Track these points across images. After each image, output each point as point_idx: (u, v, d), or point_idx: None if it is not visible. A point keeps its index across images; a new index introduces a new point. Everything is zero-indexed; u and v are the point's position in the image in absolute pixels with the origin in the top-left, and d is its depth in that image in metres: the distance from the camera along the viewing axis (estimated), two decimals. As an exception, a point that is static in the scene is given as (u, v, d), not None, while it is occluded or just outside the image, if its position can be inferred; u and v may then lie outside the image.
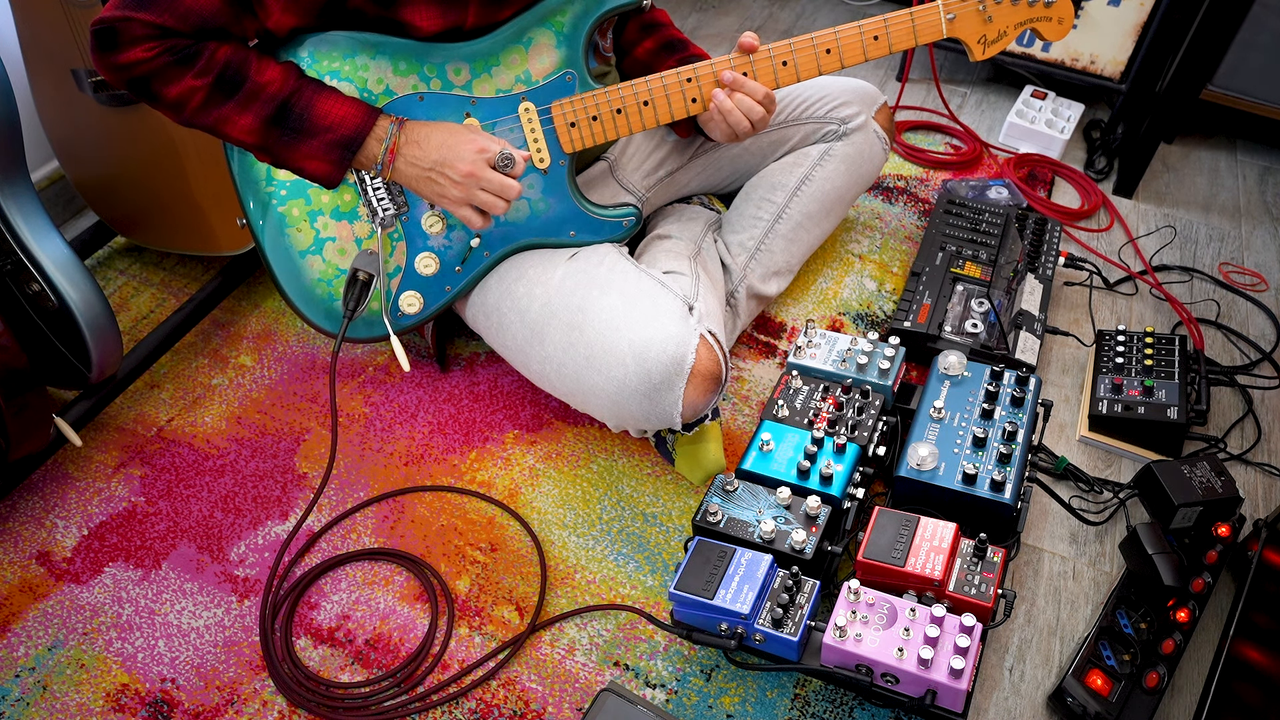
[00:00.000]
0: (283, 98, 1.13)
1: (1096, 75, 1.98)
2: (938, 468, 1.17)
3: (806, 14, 2.45)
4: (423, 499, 1.33)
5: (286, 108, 1.13)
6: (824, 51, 1.23)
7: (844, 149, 1.52)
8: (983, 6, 1.25)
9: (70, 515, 1.31)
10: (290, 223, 1.26)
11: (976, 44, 1.28)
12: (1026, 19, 1.28)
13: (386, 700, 1.12)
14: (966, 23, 1.26)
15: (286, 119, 1.14)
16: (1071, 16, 1.29)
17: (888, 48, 1.25)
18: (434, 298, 1.31)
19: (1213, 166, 2.01)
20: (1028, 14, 1.27)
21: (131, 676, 1.14)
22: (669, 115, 1.24)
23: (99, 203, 1.62)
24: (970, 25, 1.26)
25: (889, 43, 1.25)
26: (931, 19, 1.24)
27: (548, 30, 1.18)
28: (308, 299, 1.31)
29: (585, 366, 1.20)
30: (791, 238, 1.51)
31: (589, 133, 1.23)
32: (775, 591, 1.07)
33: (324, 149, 1.15)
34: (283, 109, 1.13)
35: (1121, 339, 1.48)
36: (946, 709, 1.01)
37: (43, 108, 1.55)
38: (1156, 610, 1.14)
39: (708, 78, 1.22)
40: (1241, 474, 1.38)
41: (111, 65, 1.10)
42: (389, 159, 1.17)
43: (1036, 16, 1.27)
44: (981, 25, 1.26)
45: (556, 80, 1.20)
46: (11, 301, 1.24)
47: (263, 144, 1.15)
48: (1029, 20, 1.28)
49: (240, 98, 1.12)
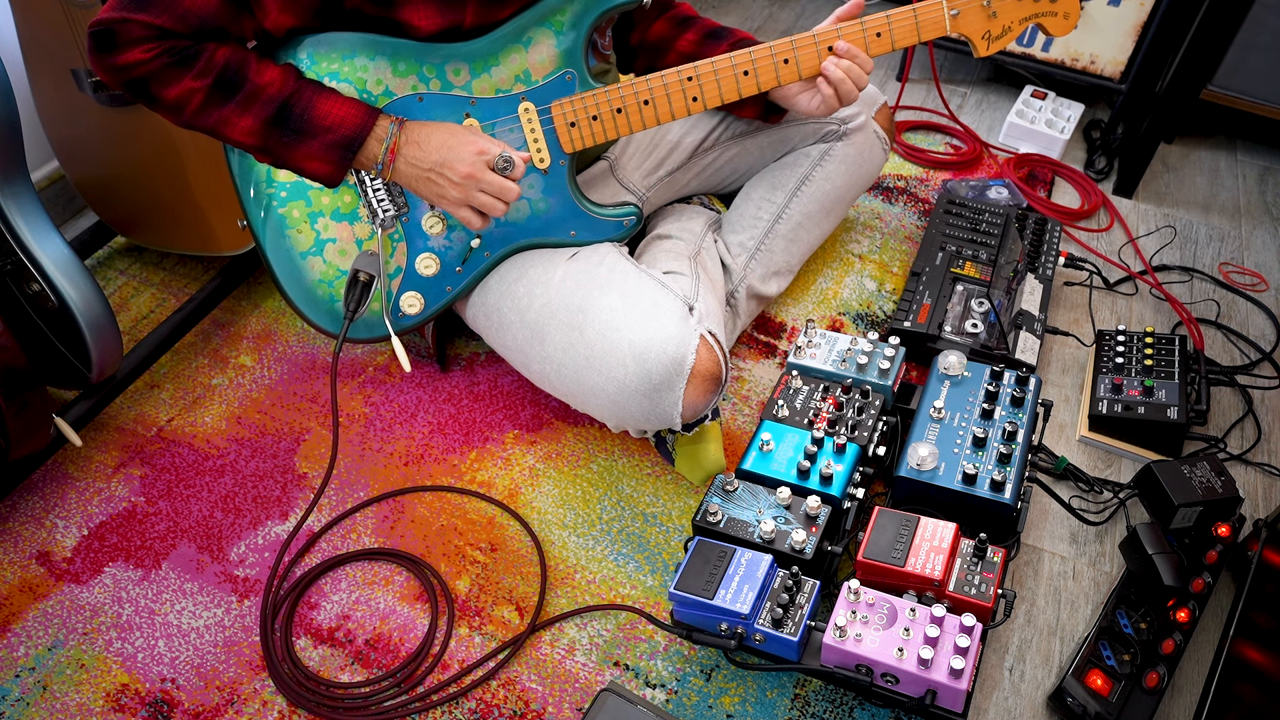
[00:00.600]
0: (283, 99, 1.13)
1: (1096, 75, 1.98)
2: (938, 468, 1.17)
3: (807, 14, 2.45)
4: (423, 499, 1.33)
5: (287, 108, 1.13)
6: (826, 49, 1.23)
7: (844, 149, 1.52)
8: (987, 2, 1.23)
9: (70, 515, 1.31)
10: (291, 224, 1.26)
11: (981, 40, 1.27)
12: (1031, 14, 1.25)
13: (386, 700, 1.12)
14: (970, 18, 1.24)
15: (287, 120, 1.13)
16: (1077, 12, 1.26)
17: (891, 44, 1.24)
18: (435, 298, 1.31)
19: (1213, 166, 2.01)
20: (1033, 9, 1.25)
21: (131, 676, 1.14)
22: (669, 114, 1.24)
23: (99, 203, 1.62)
24: (974, 21, 1.24)
25: (892, 40, 1.24)
26: (935, 15, 1.23)
27: (547, 30, 1.18)
28: (309, 300, 1.31)
29: (585, 366, 1.20)
30: (792, 238, 1.51)
31: (589, 132, 1.23)
32: (775, 591, 1.07)
33: (324, 149, 1.15)
34: (283, 110, 1.13)
35: (1121, 339, 1.48)
36: (946, 709, 1.01)
37: (43, 108, 1.55)
38: (1156, 610, 1.14)
39: (708, 75, 1.22)
40: (1241, 474, 1.38)
41: (110, 67, 1.10)
42: (389, 159, 1.17)
43: (1042, 11, 1.25)
44: (986, 21, 1.25)
45: (556, 80, 1.20)
46: (11, 301, 1.24)
47: (263, 145, 1.15)
48: (1034, 15, 1.25)
49: (240, 99, 1.12)
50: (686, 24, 1.40)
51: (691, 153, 1.51)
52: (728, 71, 1.23)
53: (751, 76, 1.23)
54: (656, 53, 1.41)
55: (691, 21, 1.40)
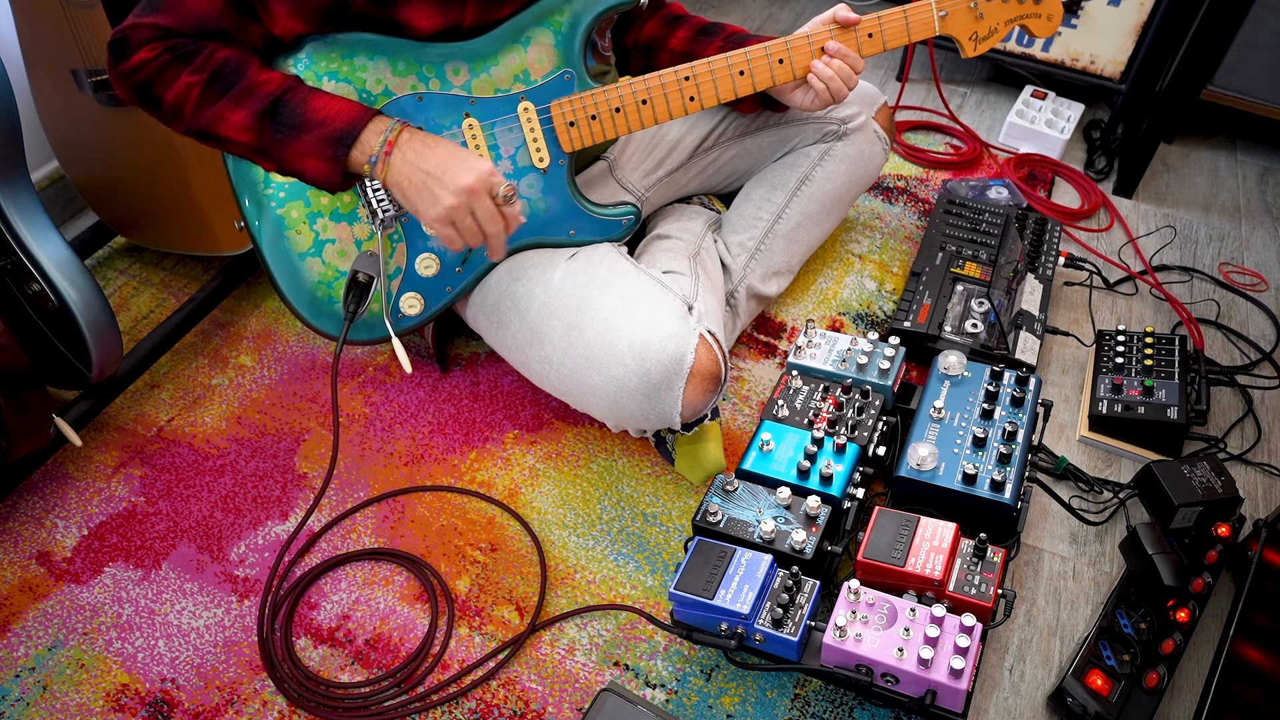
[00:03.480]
0: (277, 94, 1.12)
1: (1096, 75, 1.98)
2: (938, 468, 1.17)
3: (806, 14, 2.45)
4: (423, 499, 1.33)
5: (280, 102, 1.12)
6: (819, 49, 1.25)
7: (844, 149, 1.52)
8: (974, 4, 1.27)
9: (70, 515, 1.31)
10: (289, 225, 1.26)
11: (968, 40, 1.31)
12: (1016, 15, 1.30)
13: (386, 700, 1.12)
14: (958, 20, 1.28)
15: (279, 113, 1.12)
16: (1060, 14, 1.32)
17: (882, 45, 1.28)
18: (435, 299, 1.31)
19: (1213, 166, 2.01)
20: (1017, 10, 1.30)
21: (131, 676, 1.14)
22: (667, 114, 1.25)
23: (99, 203, 1.62)
24: (962, 22, 1.29)
25: (883, 40, 1.27)
26: (924, 16, 1.27)
27: (546, 29, 1.18)
28: (307, 301, 1.31)
29: (585, 366, 1.20)
30: (791, 238, 1.51)
31: (588, 132, 1.23)
32: (775, 591, 1.07)
33: (318, 144, 1.12)
34: (276, 103, 1.12)
35: (1121, 339, 1.48)
36: (946, 709, 1.01)
37: (43, 108, 1.55)
38: (1156, 610, 1.14)
39: (705, 75, 1.23)
40: (1241, 474, 1.38)
41: (121, 74, 1.12)
42: (385, 152, 1.12)
43: (1026, 14, 1.30)
44: (973, 22, 1.29)
45: (555, 80, 1.20)
46: (11, 301, 1.24)
47: (257, 143, 1.13)
48: (1019, 17, 1.31)
49: (235, 94, 1.11)
50: (678, 22, 1.41)
51: (691, 153, 1.51)
52: (724, 71, 1.24)
53: (747, 76, 1.25)
54: (650, 52, 1.41)
55: (682, 20, 1.41)
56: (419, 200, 1.12)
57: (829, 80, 1.26)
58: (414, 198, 1.13)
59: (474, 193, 1.11)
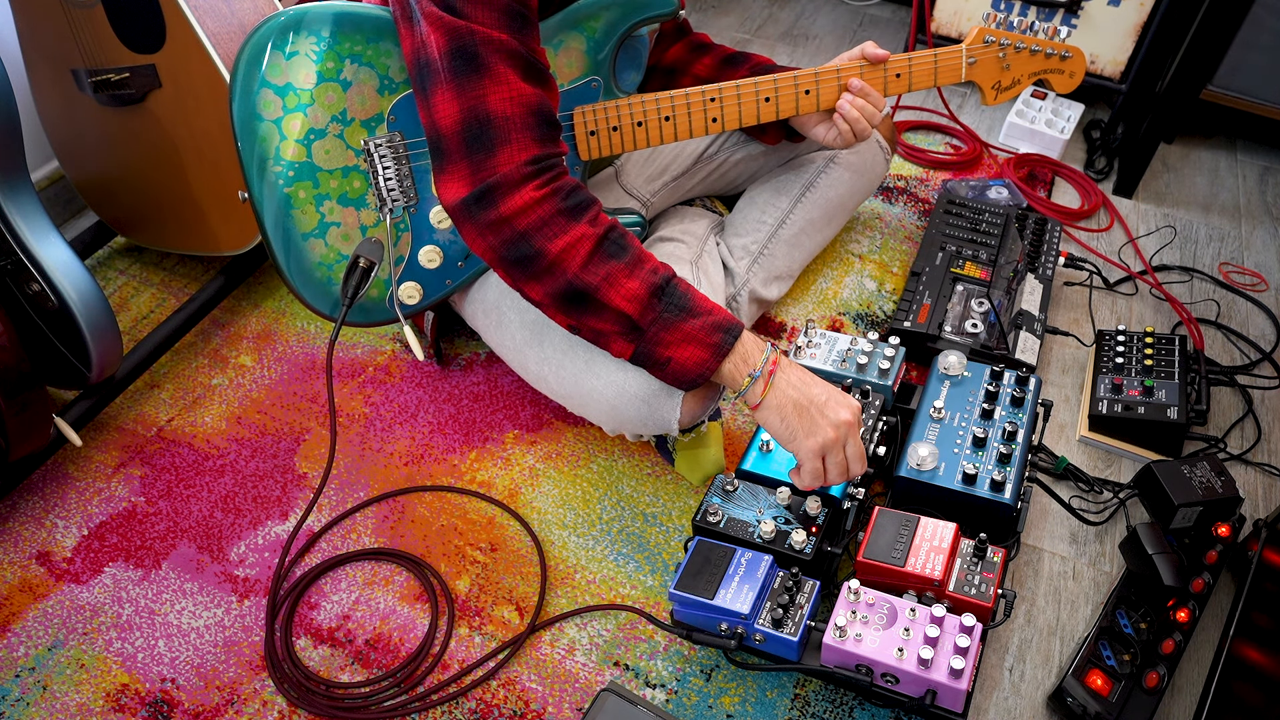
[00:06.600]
0: (665, 273, 1.07)
1: (1096, 75, 1.98)
2: (938, 468, 1.17)
3: (806, 14, 2.45)
4: (423, 499, 1.33)
5: (669, 282, 1.07)
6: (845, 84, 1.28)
7: (848, 157, 1.53)
8: (1003, 55, 1.29)
9: (70, 515, 1.31)
10: (296, 204, 1.24)
11: (990, 89, 1.35)
12: (1041, 69, 1.35)
13: (386, 700, 1.12)
14: (985, 69, 1.32)
15: (670, 293, 1.06)
16: (1083, 72, 1.37)
17: (908, 85, 1.33)
18: (434, 290, 1.30)
19: (1213, 166, 2.01)
20: (1043, 65, 1.34)
21: (131, 676, 1.14)
22: (688, 132, 1.25)
23: (99, 203, 1.62)
24: (988, 72, 1.32)
25: (910, 81, 1.33)
26: (953, 62, 1.31)
27: (579, 35, 1.17)
28: (306, 281, 1.29)
29: (584, 370, 1.20)
30: (794, 243, 1.52)
31: (607, 142, 1.23)
32: (775, 591, 1.07)
33: (706, 329, 1.05)
34: (666, 283, 1.07)
35: (1121, 339, 1.48)
36: (946, 709, 1.01)
37: (43, 108, 1.55)
38: (1156, 610, 1.14)
39: (730, 97, 1.24)
40: (1241, 474, 1.38)
41: (491, 222, 1.04)
42: (770, 370, 1.06)
43: (1051, 69, 1.35)
44: (999, 72, 1.33)
45: (582, 86, 1.20)
46: (11, 301, 1.24)
47: (639, 318, 1.05)
48: (1043, 71, 1.37)
49: (629, 260, 1.05)
50: (704, 49, 1.41)
51: (695, 159, 1.52)
52: (750, 95, 1.25)
53: (772, 103, 1.26)
54: (673, 75, 1.41)
55: (709, 47, 1.42)
56: (800, 425, 1.06)
57: (854, 121, 1.29)
58: (795, 423, 1.06)
59: (851, 427, 1.06)
